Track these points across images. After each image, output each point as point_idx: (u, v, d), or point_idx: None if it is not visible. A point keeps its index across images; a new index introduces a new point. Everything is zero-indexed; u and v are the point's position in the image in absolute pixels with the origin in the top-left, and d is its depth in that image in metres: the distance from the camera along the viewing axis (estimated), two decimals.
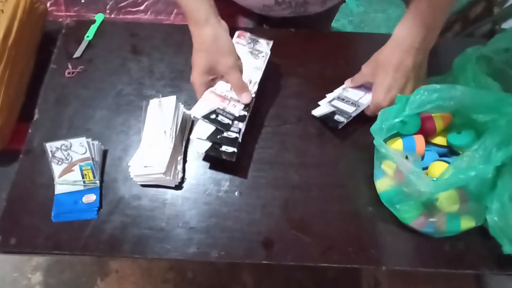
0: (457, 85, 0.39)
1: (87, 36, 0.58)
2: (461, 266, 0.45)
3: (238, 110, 0.48)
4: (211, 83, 0.50)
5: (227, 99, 0.48)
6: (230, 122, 0.46)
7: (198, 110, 0.47)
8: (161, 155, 0.45)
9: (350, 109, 0.50)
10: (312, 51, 0.59)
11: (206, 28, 0.46)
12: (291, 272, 1.03)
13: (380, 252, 0.45)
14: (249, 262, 0.45)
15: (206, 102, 0.48)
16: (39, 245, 0.44)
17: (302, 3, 0.62)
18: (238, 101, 0.48)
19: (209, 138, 0.45)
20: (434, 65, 0.59)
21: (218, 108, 0.47)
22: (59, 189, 0.46)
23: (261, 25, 0.69)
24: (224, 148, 0.45)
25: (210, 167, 0.49)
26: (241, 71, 0.49)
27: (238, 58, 0.49)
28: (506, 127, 0.37)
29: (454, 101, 0.39)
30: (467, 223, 0.42)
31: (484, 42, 0.54)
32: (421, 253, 0.45)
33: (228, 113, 0.47)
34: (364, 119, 0.50)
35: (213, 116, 0.46)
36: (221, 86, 0.50)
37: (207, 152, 0.46)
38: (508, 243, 0.39)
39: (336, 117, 0.50)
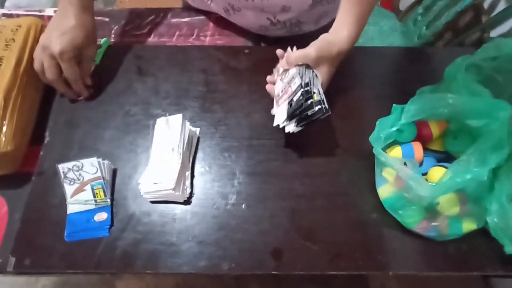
0: (449, 94, 0.41)
1: (94, 60, 0.61)
2: (466, 268, 0.46)
3: (297, 83, 0.46)
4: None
5: (288, 88, 0.48)
6: (310, 101, 0.45)
7: (278, 119, 0.48)
8: (170, 172, 0.46)
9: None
10: None
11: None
12: (299, 283, 1.02)
13: (387, 257, 0.46)
14: (259, 274, 0.46)
15: (279, 108, 0.49)
16: (53, 265, 0.45)
17: (296, 23, 0.65)
18: (292, 78, 0.48)
19: (289, 115, 0.46)
20: (427, 74, 0.62)
21: (289, 101, 0.46)
22: (71, 208, 0.48)
23: (259, 43, 0.72)
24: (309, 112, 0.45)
25: (217, 181, 0.51)
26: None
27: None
28: (499, 131, 0.38)
29: (447, 109, 0.41)
30: (468, 226, 0.43)
31: (473, 50, 0.56)
32: (426, 257, 0.46)
33: (302, 96, 0.45)
34: (364, 128, 0.52)
35: (293, 109, 0.45)
36: (278, 86, 0.51)
37: (300, 125, 0.46)
38: (509, 243, 0.41)
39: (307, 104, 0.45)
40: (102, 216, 0.47)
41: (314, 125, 0.47)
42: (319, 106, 0.45)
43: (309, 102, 0.45)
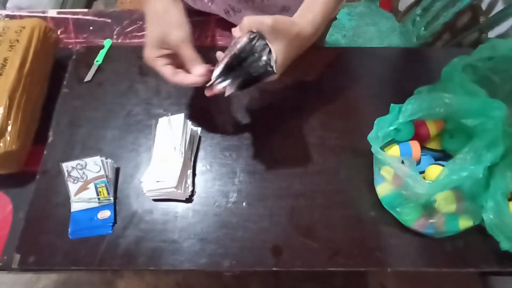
0: (445, 94, 0.42)
1: (97, 61, 0.62)
2: (463, 265, 0.46)
3: (243, 41, 0.40)
4: (167, 61, 0.46)
5: (233, 48, 0.41)
6: (252, 49, 0.40)
7: (214, 73, 0.42)
8: (172, 170, 0.47)
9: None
10: (308, 66, 0.62)
11: (158, 3, 0.45)
12: (299, 283, 1.03)
13: (385, 254, 0.47)
14: (259, 273, 0.47)
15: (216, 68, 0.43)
16: (57, 262, 0.46)
17: None
18: (247, 40, 0.41)
19: (226, 66, 0.40)
20: (424, 74, 0.63)
21: (231, 56, 0.40)
22: (75, 206, 0.49)
23: None
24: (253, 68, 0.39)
25: (218, 180, 0.52)
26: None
27: (190, 31, 0.46)
28: (494, 129, 0.39)
29: (444, 108, 0.42)
30: (465, 223, 0.44)
31: (471, 51, 0.58)
32: (423, 254, 0.47)
33: (246, 49, 0.40)
34: (362, 127, 0.53)
35: (232, 59, 0.40)
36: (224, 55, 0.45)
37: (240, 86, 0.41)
38: (505, 240, 0.41)
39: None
40: (105, 214, 0.48)
41: (255, 86, 0.41)
42: (264, 63, 0.39)
43: (252, 56, 0.40)
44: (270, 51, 0.41)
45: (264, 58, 0.40)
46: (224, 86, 0.41)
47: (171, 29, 0.45)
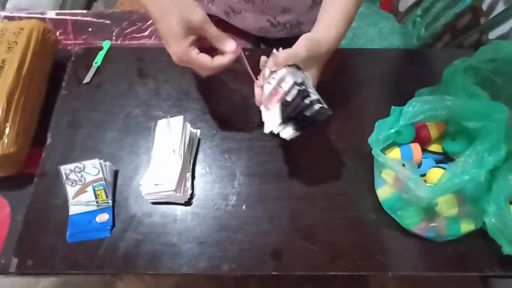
0: (447, 96, 0.42)
1: (96, 62, 0.62)
2: (465, 269, 0.46)
3: (289, 82, 0.40)
4: (197, 50, 0.43)
5: (278, 88, 0.41)
6: (308, 101, 0.39)
7: (270, 124, 0.42)
8: (171, 173, 0.47)
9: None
10: None
11: None
12: (299, 284, 1.03)
13: (386, 258, 0.46)
14: (258, 275, 0.46)
15: (269, 112, 0.43)
16: (55, 266, 0.46)
17: (296, 24, 0.66)
18: (282, 78, 0.42)
19: (284, 118, 0.40)
20: (425, 76, 0.62)
21: (283, 102, 0.41)
22: (73, 210, 0.48)
23: (259, 45, 0.73)
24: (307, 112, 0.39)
25: (218, 182, 0.51)
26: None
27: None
28: (496, 132, 0.39)
29: (445, 110, 0.41)
30: (467, 226, 0.44)
31: (472, 52, 0.57)
32: (425, 258, 0.46)
33: (298, 95, 0.39)
34: (363, 129, 0.52)
35: (288, 110, 0.40)
36: (266, 89, 0.45)
37: (296, 130, 0.41)
38: (507, 244, 0.41)
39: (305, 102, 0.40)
40: (104, 217, 0.48)
41: (312, 128, 0.42)
42: (320, 105, 0.39)
43: (306, 101, 0.39)
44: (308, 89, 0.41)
45: (316, 97, 0.40)
46: (288, 134, 0.42)
47: (191, 11, 0.41)
